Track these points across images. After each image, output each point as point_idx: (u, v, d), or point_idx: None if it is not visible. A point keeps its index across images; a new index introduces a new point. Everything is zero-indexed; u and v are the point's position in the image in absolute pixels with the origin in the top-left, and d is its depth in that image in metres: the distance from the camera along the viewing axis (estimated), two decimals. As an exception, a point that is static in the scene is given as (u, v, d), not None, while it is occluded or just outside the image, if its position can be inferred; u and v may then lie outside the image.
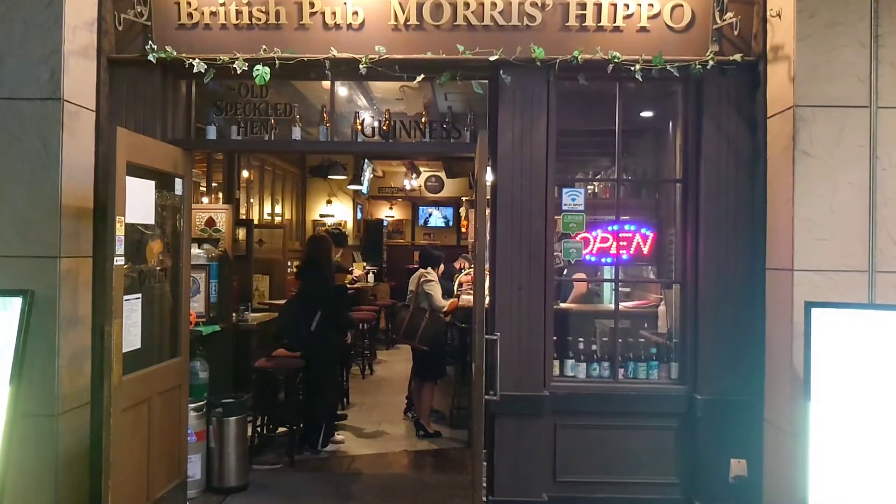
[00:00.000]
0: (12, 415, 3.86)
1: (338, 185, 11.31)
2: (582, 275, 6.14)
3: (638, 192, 6.42)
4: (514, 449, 4.64)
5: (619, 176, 4.95)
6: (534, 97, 4.64)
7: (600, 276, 5.88)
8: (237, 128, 4.89)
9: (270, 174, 10.27)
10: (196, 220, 6.15)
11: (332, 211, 11.56)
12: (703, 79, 4.60)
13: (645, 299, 6.21)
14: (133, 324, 4.20)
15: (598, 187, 6.32)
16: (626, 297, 6.69)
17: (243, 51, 4.58)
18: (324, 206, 11.62)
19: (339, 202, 11.49)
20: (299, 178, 11.50)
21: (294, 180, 11.35)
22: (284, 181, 10.87)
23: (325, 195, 11.59)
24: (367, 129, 4.91)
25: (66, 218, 4.23)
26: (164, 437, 4.55)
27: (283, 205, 10.82)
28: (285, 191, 10.92)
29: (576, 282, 6.33)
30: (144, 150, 4.30)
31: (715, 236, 4.61)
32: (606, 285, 7.28)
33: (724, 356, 4.60)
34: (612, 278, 5.44)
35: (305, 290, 6.26)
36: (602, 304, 6.64)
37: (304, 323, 5.97)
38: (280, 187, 10.71)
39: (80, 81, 4.39)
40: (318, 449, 6.10)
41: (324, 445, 6.13)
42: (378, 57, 4.54)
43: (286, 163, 10.79)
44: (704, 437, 4.60)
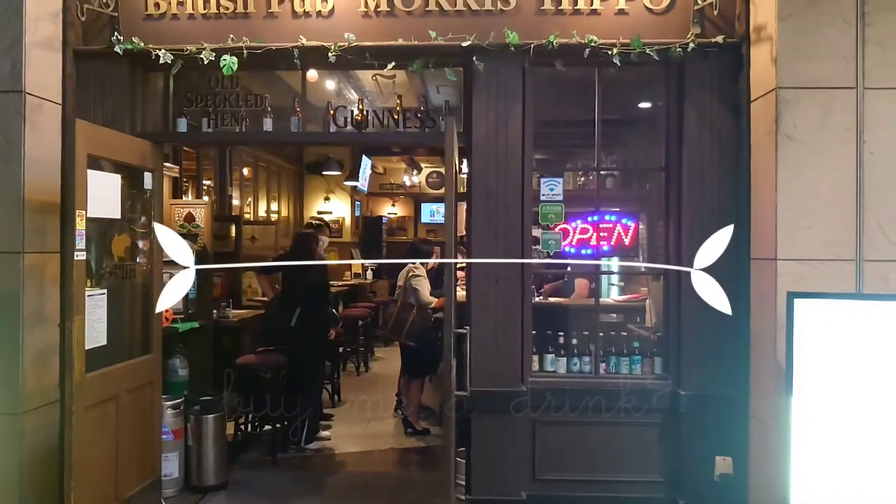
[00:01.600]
0: (-27, 413, 3.81)
1: (335, 181, 11.23)
2: (584, 280, 6.01)
3: (628, 182, 6.26)
4: (491, 446, 4.51)
5: (599, 165, 4.79)
6: (509, 84, 4.50)
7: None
8: (207, 120, 4.78)
9: (265, 171, 10.19)
10: (175, 215, 6.08)
11: (330, 208, 11.48)
12: (685, 62, 4.44)
13: (637, 293, 6.06)
14: (98, 320, 4.12)
15: (584, 179, 6.16)
16: (621, 291, 6.56)
17: (211, 41, 4.48)
18: (322, 202, 11.54)
19: (337, 199, 11.40)
20: (296, 174, 11.41)
21: (291, 177, 11.27)
22: (280, 178, 10.80)
23: (322, 192, 11.51)
24: (340, 119, 4.79)
25: (30, 212, 4.14)
26: (134, 435, 4.47)
27: (279, 202, 10.74)
28: (282, 188, 10.84)
29: (574, 282, 6.23)
30: (108, 143, 4.22)
31: (698, 226, 4.44)
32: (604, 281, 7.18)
33: (708, 350, 4.44)
34: (594, 269, 5.26)
35: (285, 287, 6.17)
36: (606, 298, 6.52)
37: (285, 319, 5.88)
38: (276, 184, 10.63)
39: (44, 74, 4.30)
40: (302, 446, 6.01)
41: (308, 442, 6.04)
42: (348, 44, 4.42)
43: (282, 159, 10.71)
44: (689, 434, 4.45)
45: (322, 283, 6.22)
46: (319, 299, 6.06)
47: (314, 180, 11.53)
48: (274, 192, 10.54)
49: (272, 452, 5.78)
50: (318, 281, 6.14)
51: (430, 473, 5.52)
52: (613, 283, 7.27)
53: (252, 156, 9.63)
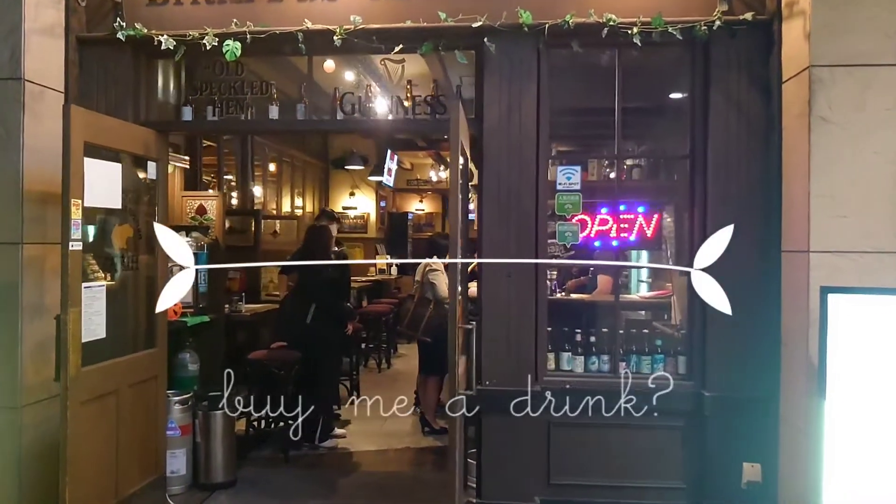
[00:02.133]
0: (-35, 406, 3.73)
1: (360, 176, 11.09)
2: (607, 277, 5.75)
3: (652, 172, 5.98)
4: (502, 448, 4.30)
5: (619, 153, 4.53)
6: (522, 67, 4.28)
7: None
8: (213, 108, 4.65)
9: (290, 166, 10.10)
10: (187, 207, 5.98)
11: (355, 203, 11.34)
12: (710, 42, 4.16)
13: (664, 289, 5.78)
14: (96, 312, 4.00)
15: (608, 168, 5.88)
16: (649, 287, 6.29)
17: (215, 26, 4.34)
18: (347, 198, 11.41)
19: (362, 194, 11.26)
20: (321, 169, 11.31)
21: (316, 172, 11.17)
22: (305, 173, 10.70)
23: (348, 187, 11.38)
24: (347, 106, 4.60)
25: (29, 203, 4.05)
26: (136, 431, 4.36)
27: (304, 197, 10.64)
28: (306, 183, 10.74)
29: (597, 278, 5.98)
30: (107, 131, 4.10)
31: (724, 216, 4.14)
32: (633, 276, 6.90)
33: (736, 349, 4.16)
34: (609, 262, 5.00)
35: (301, 283, 6.03)
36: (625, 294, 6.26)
37: (300, 316, 5.74)
38: (301, 179, 10.53)
39: (45, 61, 4.21)
40: (315, 444, 5.86)
41: (322, 440, 5.89)
42: (353, 27, 4.25)
43: (307, 154, 10.61)
44: (714, 438, 4.17)
45: (337, 278, 6.06)
46: (335, 294, 5.90)
47: (339, 175, 11.41)
48: (299, 187, 10.45)
49: (284, 450, 5.64)
50: (334, 276, 5.98)
51: (444, 474, 5.26)
52: (642, 280, 7.00)
53: (276, 150, 9.54)
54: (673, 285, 5.17)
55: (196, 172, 7.42)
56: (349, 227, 11.39)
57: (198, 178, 7.44)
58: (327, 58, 5.08)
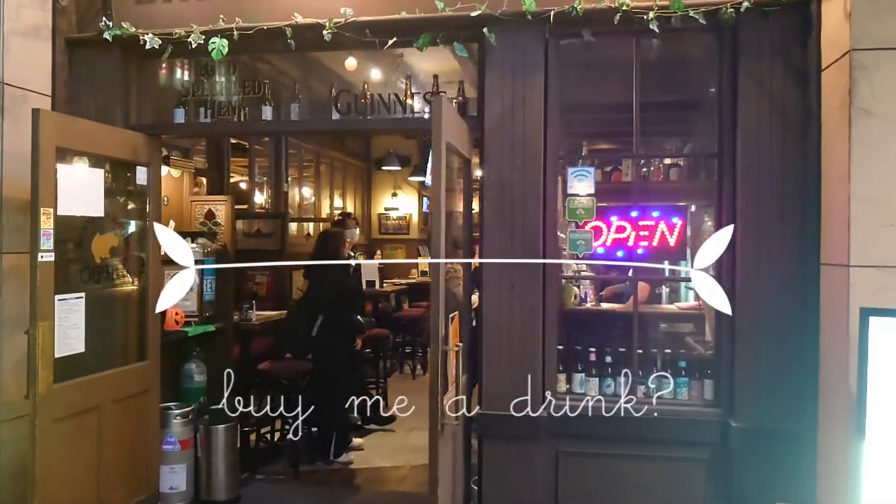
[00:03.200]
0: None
1: (402, 177, 10.82)
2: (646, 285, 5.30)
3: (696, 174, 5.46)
4: (504, 478, 3.93)
5: (637, 153, 4.08)
6: (527, 58, 3.89)
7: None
8: (205, 110, 4.42)
9: (329, 167, 9.90)
10: (195, 212, 5.80)
11: (397, 204, 11.07)
12: (739, 26, 3.68)
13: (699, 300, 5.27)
14: (73, 325, 3.82)
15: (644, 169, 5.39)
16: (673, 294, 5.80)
17: (205, 23, 4.11)
18: (389, 198, 11.16)
19: (405, 195, 10.98)
20: (363, 170, 11.09)
21: (358, 173, 10.95)
22: (346, 174, 10.49)
23: (390, 188, 11.13)
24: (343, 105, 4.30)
25: (10, 211, 3.91)
26: (122, 448, 4.18)
27: (345, 198, 10.44)
28: (347, 183, 10.54)
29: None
30: (85, 136, 3.92)
31: (755, 222, 3.68)
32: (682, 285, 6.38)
33: (767, 373, 3.67)
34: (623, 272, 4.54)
35: (308, 292, 5.77)
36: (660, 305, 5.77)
37: (305, 327, 5.48)
38: (341, 180, 10.33)
39: (28, 64, 4.07)
40: (329, 459, 5.61)
41: (336, 456, 5.63)
42: (344, 20, 3.94)
43: (346, 155, 10.39)
44: (741, 475, 3.69)
45: (346, 288, 5.77)
46: (343, 306, 5.61)
47: (381, 176, 11.17)
48: (339, 189, 10.25)
49: (294, 465, 5.41)
50: (343, 286, 5.69)
51: (457, 498, 4.99)
52: (692, 288, 6.48)
53: (312, 152, 9.36)
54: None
55: (222, 176, 7.28)
56: (393, 229, 11.15)
57: (224, 182, 7.29)
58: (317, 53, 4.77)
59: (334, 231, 6.07)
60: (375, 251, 10.70)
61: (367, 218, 11.16)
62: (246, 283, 7.09)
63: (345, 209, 10.08)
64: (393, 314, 8.91)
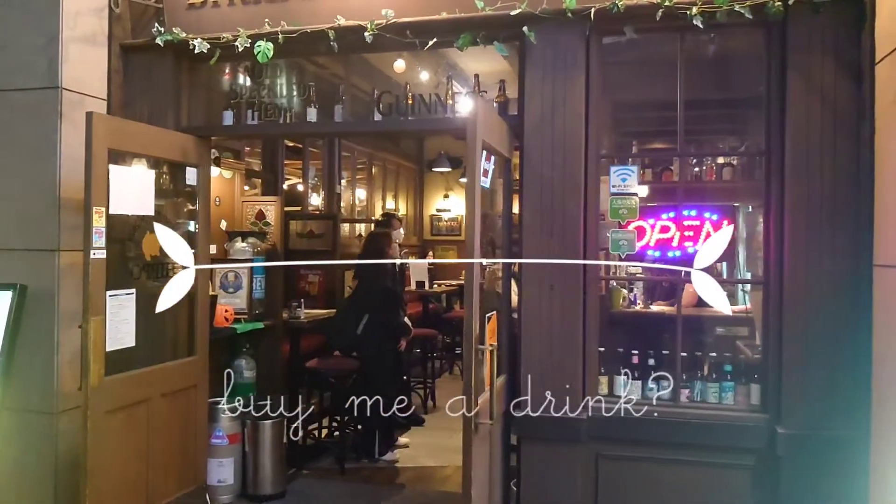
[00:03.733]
0: (-2, 409, 3.79)
1: (454, 178, 10.83)
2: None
3: (750, 173, 5.32)
4: (543, 480, 3.89)
5: (682, 150, 3.99)
6: (567, 56, 3.85)
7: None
8: (252, 112, 4.52)
9: (381, 168, 10.00)
10: (246, 212, 5.93)
11: (449, 205, 11.07)
12: (787, 20, 3.56)
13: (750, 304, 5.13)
14: (123, 320, 3.95)
15: (700, 168, 5.27)
16: (731, 298, 5.62)
17: (251, 27, 4.20)
18: (441, 200, 11.18)
19: (456, 196, 10.97)
20: (415, 172, 11.16)
21: (410, 175, 11.02)
22: (398, 176, 10.57)
23: (442, 189, 11.15)
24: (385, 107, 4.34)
25: (67, 210, 4.06)
26: (171, 440, 4.30)
27: (397, 200, 10.52)
28: (399, 185, 10.62)
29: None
30: (137, 138, 4.06)
31: (804, 222, 3.57)
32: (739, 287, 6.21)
33: (817, 378, 3.54)
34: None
35: (355, 291, 5.82)
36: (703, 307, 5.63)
37: (352, 326, 5.55)
38: (394, 182, 10.42)
39: (85, 69, 4.22)
40: (375, 457, 5.66)
41: (381, 454, 5.67)
42: (386, 22, 3.98)
43: (399, 157, 10.47)
44: (789, 482, 3.57)
45: (393, 289, 5.81)
46: (389, 306, 5.66)
47: (434, 178, 11.21)
48: (392, 190, 10.34)
49: (340, 462, 5.47)
50: (389, 286, 5.74)
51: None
52: (748, 291, 6.30)
53: (365, 154, 9.47)
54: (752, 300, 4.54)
55: (276, 177, 7.43)
56: (445, 230, 11.18)
57: (278, 183, 7.44)
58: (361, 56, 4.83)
59: (381, 232, 6.13)
60: (427, 252, 10.75)
61: (419, 219, 11.22)
62: (298, 282, 7.24)
63: (396, 210, 10.16)
64: (443, 315, 8.94)
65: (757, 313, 4.10)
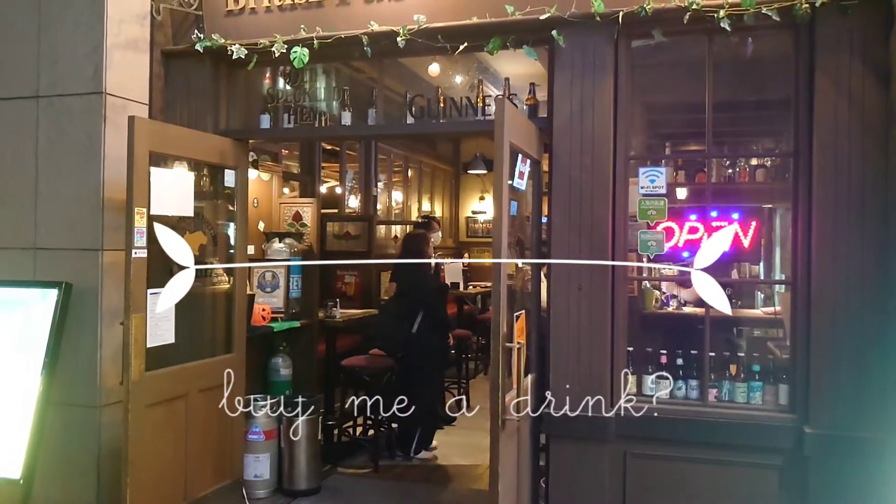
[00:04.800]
0: (43, 403, 3.94)
1: (490, 180, 10.88)
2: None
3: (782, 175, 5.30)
4: (571, 478, 3.94)
5: (711, 151, 4.00)
6: (595, 60, 3.89)
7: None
8: (288, 116, 4.65)
9: (417, 171, 10.11)
10: (284, 214, 6.07)
11: (484, 207, 11.14)
12: (815, 22, 3.57)
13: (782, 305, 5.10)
14: (163, 318, 4.09)
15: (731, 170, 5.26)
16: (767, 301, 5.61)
17: (287, 33, 4.31)
18: (476, 202, 11.25)
19: (492, 198, 11.01)
20: (451, 174, 11.25)
21: (446, 177, 11.12)
22: (434, 178, 10.67)
23: (478, 191, 11.22)
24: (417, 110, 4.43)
25: (110, 211, 4.23)
26: (208, 435, 4.43)
27: (433, 202, 10.61)
28: (435, 187, 10.72)
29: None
30: (177, 141, 4.20)
31: (832, 223, 3.56)
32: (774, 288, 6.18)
33: (846, 380, 3.54)
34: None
35: (403, 291, 5.92)
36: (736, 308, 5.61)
37: (406, 325, 5.66)
38: (429, 184, 10.52)
39: (128, 75, 4.39)
40: (410, 456, 5.74)
41: (416, 452, 5.76)
42: (417, 27, 4.07)
43: (434, 159, 10.57)
44: (817, 483, 3.56)
45: (442, 287, 5.92)
46: (441, 304, 5.76)
47: (469, 180, 11.29)
48: (428, 192, 10.44)
49: (374, 459, 5.58)
50: (438, 284, 5.84)
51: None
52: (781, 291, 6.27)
53: (402, 157, 9.58)
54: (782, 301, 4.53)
55: (314, 179, 7.57)
56: (481, 232, 11.25)
57: (315, 185, 7.58)
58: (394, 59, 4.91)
59: (419, 233, 6.23)
60: (462, 254, 10.83)
61: (455, 221, 11.30)
62: (335, 283, 7.37)
63: (432, 212, 10.26)
64: (478, 316, 8.99)
65: (785, 314, 4.09)
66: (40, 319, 4.07)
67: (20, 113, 4.39)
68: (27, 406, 3.91)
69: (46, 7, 4.36)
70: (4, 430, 3.92)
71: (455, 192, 11.35)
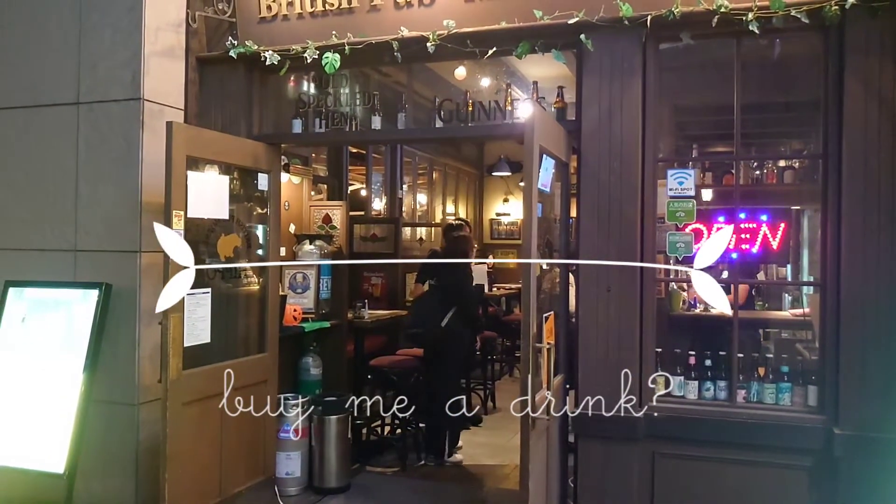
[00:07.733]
0: (85, 400, 4.07)
1: (514, 182, 10.94)
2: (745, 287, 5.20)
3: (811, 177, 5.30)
4: (599, 478, 3.98)
5: (739, 153, 4.02)
6: (624, 63, 3.93)
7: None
8: (319, 120, 4.74)
9: (442, 173, 10.19)
10: (314, 216, 6.16)
11: (508, 209, 11.19)
12: (845, 24, 3.58)
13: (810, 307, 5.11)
14: (200, 318, 4.20)
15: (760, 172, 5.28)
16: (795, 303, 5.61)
17: (319, 39, 4.41)
18: (500, 204, 11.31)
19: (516, 200, 11.05)
20: (476, 177, 11.32)
21: (470, 179, 11.19)
22: (459, 180, 10.74)
23: (502, 194, 11.28)
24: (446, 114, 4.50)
25: (147, 213, 4.34)
26: (243, 432, 4.52)
27: (457, 204, 10.69)
28: (459, 190, 10.79)
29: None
30: (212, 145, 4.31)
31: (861, 225, 3.57)
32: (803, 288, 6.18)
33: (875, 381, 3.54)
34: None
35: (442, 286, 5.96)
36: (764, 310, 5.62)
37: (437, 318, 5.72)
38: (454, 186, 10.59)
39: (165, 81, 4.51)
40: (441, 459, 5.78)
41: (449, 455, 5.80)
42: (447, 32, 4.14)
43: (459, 162, 10.65)
44: (847, 484, 3.57)
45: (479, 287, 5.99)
46: (475, 302, 5.81)
47: (493, 182, 11.35)
48: (452, 195, 10.52)
49: (402, 459, 5.65)
50: (472, 287, 5.92)
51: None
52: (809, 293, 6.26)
53: (426, 160, 9.66)
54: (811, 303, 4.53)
55: (342, 182, 7.67)
56: (505, 234, 11.30)
57: (343, 188, 7.68)
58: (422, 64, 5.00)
59: (467, 235, 6.29)
60: (487, 255, 10.88)
61: (479, 223, 11.36)
62: (362, 285, 7.46)
63: (457, 214, 10.33)
64: (503, 318, 9.04)
65: (815, 315, 4.10)
66: (82, 319, 4.20)
67: (61, 119, 4.54)
68: (70, 403, 4.04)
69: (86, 15, 4.49)
70: (49, 427, 4.06)
71: (479, 195, 11.42)
